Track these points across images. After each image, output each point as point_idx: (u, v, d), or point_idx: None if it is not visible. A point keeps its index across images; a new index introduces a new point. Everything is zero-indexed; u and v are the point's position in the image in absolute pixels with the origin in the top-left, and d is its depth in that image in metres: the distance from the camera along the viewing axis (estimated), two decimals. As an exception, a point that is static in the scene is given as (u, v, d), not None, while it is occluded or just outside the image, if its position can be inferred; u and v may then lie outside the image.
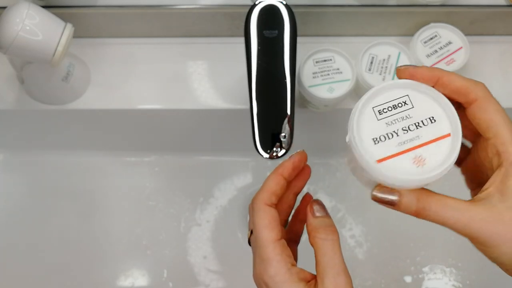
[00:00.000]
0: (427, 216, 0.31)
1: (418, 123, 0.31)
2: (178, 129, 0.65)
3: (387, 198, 0.31)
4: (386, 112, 0.32)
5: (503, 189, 0.30)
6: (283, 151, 0.47)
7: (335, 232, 0.35)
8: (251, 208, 0.36)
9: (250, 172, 0.71)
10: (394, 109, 0.32)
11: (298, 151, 0.40)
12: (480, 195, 0.31)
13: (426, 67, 0.32)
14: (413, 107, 0.32)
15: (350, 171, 0.37)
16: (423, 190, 0.31)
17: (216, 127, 0.65)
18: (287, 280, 0.33)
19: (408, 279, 0.66)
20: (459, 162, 0.37)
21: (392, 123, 0.31)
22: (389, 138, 0.31)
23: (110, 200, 0.69)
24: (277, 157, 0.47)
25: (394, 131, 0.31)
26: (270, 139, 0.47)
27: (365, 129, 0.32)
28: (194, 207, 0.69)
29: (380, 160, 0.31)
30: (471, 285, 0.66)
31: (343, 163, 0.72)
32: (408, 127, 0.31)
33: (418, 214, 0.31)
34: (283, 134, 0.47)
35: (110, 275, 0.66)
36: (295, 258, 0.40)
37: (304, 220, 0.41)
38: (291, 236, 0.41)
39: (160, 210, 0.69)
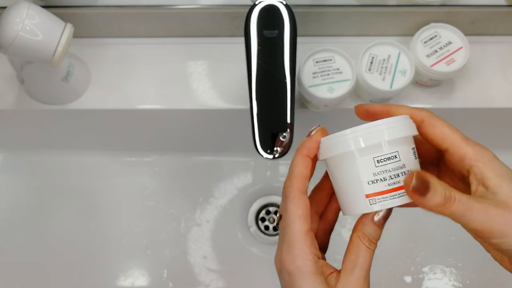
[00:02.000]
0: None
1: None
2: (178, 129, 0.65)
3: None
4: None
5: (490, 185, 0.31)
6: (283, 151, 0.47)
7: (376, 244, 0.37)
8: (284, 195, 0.36)
9: (250, 172, 0.71)
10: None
11: (316, 127, 0.39)
12: (478, 194, 0.32)
13: (378, 104, 0.37)
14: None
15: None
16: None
17: (216, 127, 0.65)
18: (312, 273, 0.33)
19: (408, 279, 0.66)
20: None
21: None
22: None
23: (110, 200, 0.69)
24: (277, 157, 0.47)
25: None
26: (270, 139, 0.47)
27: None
28: (194, 207, 0.69)
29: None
30: (471, 285, 0.65)
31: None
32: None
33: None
34: (283, 134, 0.47)
35: (110, 275, 0.66)
36: (326, 247, 0.40)
37: (339, 209, 0.40)
38: (325, 225, 0.40)
39: (160, 210, 0.69)
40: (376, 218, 0.35)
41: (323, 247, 0.39)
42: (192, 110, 0.61)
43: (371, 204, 0.33)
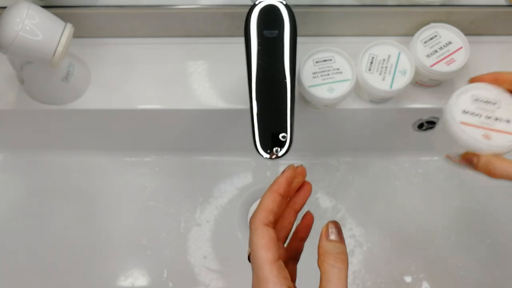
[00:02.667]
0: (494, 173, 0.39)
1: (498, 118, 0.42)
2: (178, 129, 0.65)
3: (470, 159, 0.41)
4: (480, 102, 0.43)
5: None
6: (283, 151, 0.47)
7: (345, 261, 0.35)
8: (250, 228, 0.36)
9: (250, 172, 0.71)
10: (486, 103, 0.43)
11: (290, 165, 0.39)
12: None
13: (487, 73, 0.44)
14: (499, 108, 0.43)
15: (436, 145, 0.47)
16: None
17: (216, 127, 0.65)
18: None
19: (408, 279, 0.66)
20: None
21: (481, 109, 0.43)
22: (474, 115, 0.43)
23: (110, 200, 0.69)
24: (277, 157, 0.47)
25: (479, 114, 0.43)
26: (270, 139, 0.47)
27: (461, 103, 0.43)
28: (194, 207, 0.69)
29: (463, 123, 0.42)
30: (471, 285, 0.66)
31: (343, 162, 0.72)
32: (490, 116, 0.43)
33: (488, 172, 0.40)
34: (283, 134, 0.47)
35: (110, 275, 0.66)
36: (294, 277, 0.40)
37: (304, 238, 0.41)
38: (290, 254, 0.41)
39: (160, 210, 0.69)
40: (331, 236, 0.35)
41: (292, 277, 0.39)
42: (192, 110, 0.61)
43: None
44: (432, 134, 0.46)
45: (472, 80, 0.45)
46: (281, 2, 0.47)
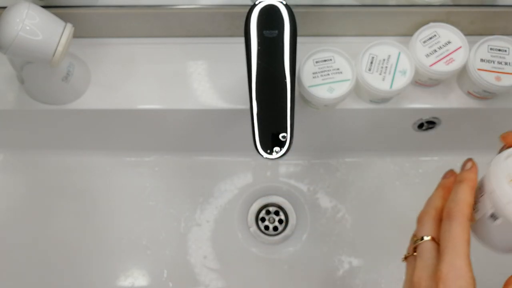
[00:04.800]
0: None
1: None
2: (178, 129, 0.65)
3: None
4: None
5: None
6: (283, 151, 0.47)
7: None
8: (450, 217, 0.37)
9: (250, 172, 0.71)
10: None
11: (468, 160, 0.40)
12: None
13: None
14: None
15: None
16: None
17: (216, 127, 0.65)
18: None
19: (408, 279, 0.66)
20: None
21: None
22: None
23: (110, 200, 0.69)
24: (277, 157, 0.47)
25: None
26: (270, 139, 0.47)
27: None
28: (194, 207, 0.69)
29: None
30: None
31: (343, 163, 0.72)
32: None
33: None
34: (283, 134, 0.47)
35: (110, 275, 0.66)
36: None
37: None
38: None
39: (160, 210, 0.69)
40: None
41: None
42: (192, 110, 0.61)
43: None
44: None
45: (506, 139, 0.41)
46: (281, 2, 0.47)
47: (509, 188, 0.35)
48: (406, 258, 0.43)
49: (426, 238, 0.39)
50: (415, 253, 0.40)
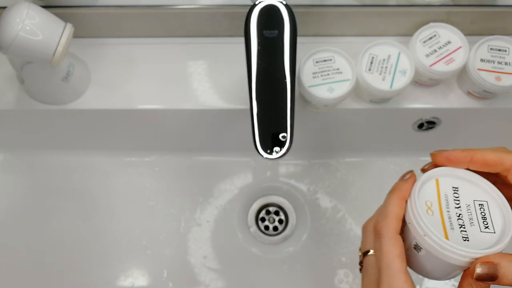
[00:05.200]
0: None
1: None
2: (178, 129, 0.65)
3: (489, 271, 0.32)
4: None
5: None
6: (283, 151, 0.47)
7: None
8: (378, 234, 0.36)
9: (250, 172, 0.71)
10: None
11: (409, 172, 0.39)
12: None
13: (459, 150, 0.36)
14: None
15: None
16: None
17: (216, 127, 0.65)
18: None
19: (408, 279, 0.66)
20: None
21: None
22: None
23: (110, 200, 0.69)
24: (277, 157, 0.47)
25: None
26: (270, 139, 0.47)
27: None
28: (194, 207, 0.69)
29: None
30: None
31: (343, 163, 0.72)
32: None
33: None
34: (283, 134, 0.47)
35: (110, 275, 0.66)
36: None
37: None
38: None
39: (160, 210, 0.69)
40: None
41: None
42: (192, 110, 0.61)
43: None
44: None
45: (436, 158, 0.38)
46: (281, 2, 0.47)
47: (426, 219, 0.34)
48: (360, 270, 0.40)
49: (371, 252, 0.37)
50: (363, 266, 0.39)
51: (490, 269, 0.31)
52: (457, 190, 0.36)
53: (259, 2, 0.47)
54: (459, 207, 0.35)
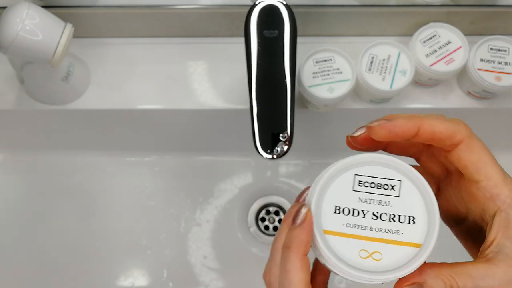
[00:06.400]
0: None
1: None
2: (178, 129, 0.65)
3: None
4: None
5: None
6: (283, 151, 0.47)
7: None
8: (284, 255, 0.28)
9: (250, 172, 0.71)
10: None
11: (300, 208, 0.28)
12: (492, 248, 0.27)
13: (403, 117, 0.28)
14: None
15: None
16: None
17: (216, 127, 0.65)
18: None
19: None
20: None
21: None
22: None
23: (110, 200, 0.69)
24: (277, 157, 0.47)
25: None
26: (270, 139, 0.47)
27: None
28: (194, 207, 0.69)
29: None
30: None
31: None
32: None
33: None
34: (283, 134, 0.47)
35: (110, 275, 0.66)
36: None
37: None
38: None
39: (160, 210, 0.69)
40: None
41: None
42: (192, 110, 0.61)
43: None
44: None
45: (377, 133, 0.28)
46: (281, 2, 0.47)
47: (330, 252, 0.27)
48: None
49: None
50: None
51: None
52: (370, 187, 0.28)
53: (259, 2, 0.47)
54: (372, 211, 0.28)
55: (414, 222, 0.27)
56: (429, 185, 0.28)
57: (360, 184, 0.28)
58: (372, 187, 0.28)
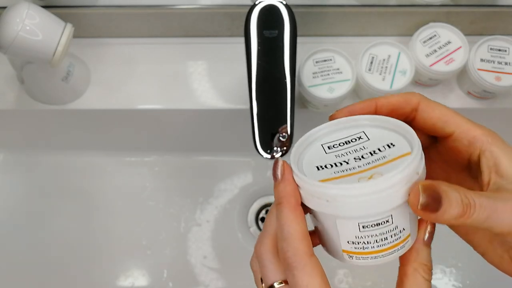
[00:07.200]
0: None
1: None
2: (178, 129, 0.65)
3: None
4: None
5: (506, 172, 0.27)
6: (283, 151, 0.47)
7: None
8: (288, 264, 0.27)
9: (250, 172, 0.71)
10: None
11: (278, 164, 0.29)
12: (491, 187, 0.27)
13: (360, 101, 0.30)
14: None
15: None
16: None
17: (216, 127, 0.65)
18: None
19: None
20: None
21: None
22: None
23: (110, 200, 0.69)
24: (277, 157, 0.47)
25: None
26: (270, 139, 0.47)
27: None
28: (194, 207, 0.69)
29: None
30: (471, 285, 0.66)
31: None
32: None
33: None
34: (283, 134, 0.47)
35: (110, 275, 0.66)
36: None
37: None
38: None
39: (160, 210, 0.69)
40: (426, 239, 0.29)
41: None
42: (192, 110, 0.61)
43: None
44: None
45: (338, 117, 0.31)
46: (281, 2, 0.47)
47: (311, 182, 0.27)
48: None
49: (276, 285, 0.29)
50: None
51: (434, 193, 0.25)
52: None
53: (259, 2, 0.47)
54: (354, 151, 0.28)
55: (394, 145, 0.28)
56: (389, 117, 0.29)
57: (330, 148, 0.29)
58: (342, 145, 0.29)
